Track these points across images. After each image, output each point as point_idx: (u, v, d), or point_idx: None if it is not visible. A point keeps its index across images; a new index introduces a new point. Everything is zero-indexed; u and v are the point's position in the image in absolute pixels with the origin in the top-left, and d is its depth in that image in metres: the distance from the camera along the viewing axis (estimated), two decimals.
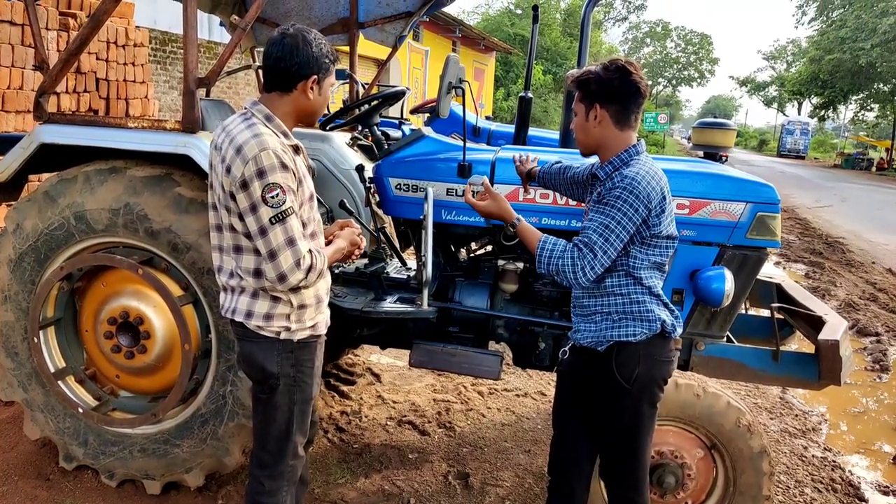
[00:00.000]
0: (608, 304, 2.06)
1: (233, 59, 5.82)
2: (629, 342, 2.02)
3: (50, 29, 5.10)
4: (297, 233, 1.85)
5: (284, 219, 1.82)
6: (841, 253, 10.13)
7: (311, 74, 1.90)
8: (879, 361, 5.54)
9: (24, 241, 2.83)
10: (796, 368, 2.78)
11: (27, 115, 4.91)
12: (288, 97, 1.93)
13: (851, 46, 31.88)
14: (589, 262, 1.93)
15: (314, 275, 1.90)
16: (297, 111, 1.96)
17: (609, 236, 1.93)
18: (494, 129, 5.28)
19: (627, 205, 1.92)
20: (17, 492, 2.92)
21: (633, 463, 2.12)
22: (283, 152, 1.85)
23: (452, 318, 3.09)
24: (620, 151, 2.03)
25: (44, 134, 2.79)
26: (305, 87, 1.91)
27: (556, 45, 29.58)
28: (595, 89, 2.02)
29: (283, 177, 1.82)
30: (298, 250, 1.85)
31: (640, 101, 2.02)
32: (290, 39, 1.87)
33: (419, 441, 3.59)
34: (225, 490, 2.98)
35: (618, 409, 2.07)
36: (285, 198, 1.81)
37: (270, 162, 1.80)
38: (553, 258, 1.99)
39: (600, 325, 2.07)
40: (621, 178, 1.95)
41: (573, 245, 1.97)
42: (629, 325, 2.03)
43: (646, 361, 2.03)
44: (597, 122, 2.04)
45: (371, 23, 4.19)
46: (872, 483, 3.67)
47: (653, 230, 1.98)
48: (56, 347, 2.98)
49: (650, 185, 1.94)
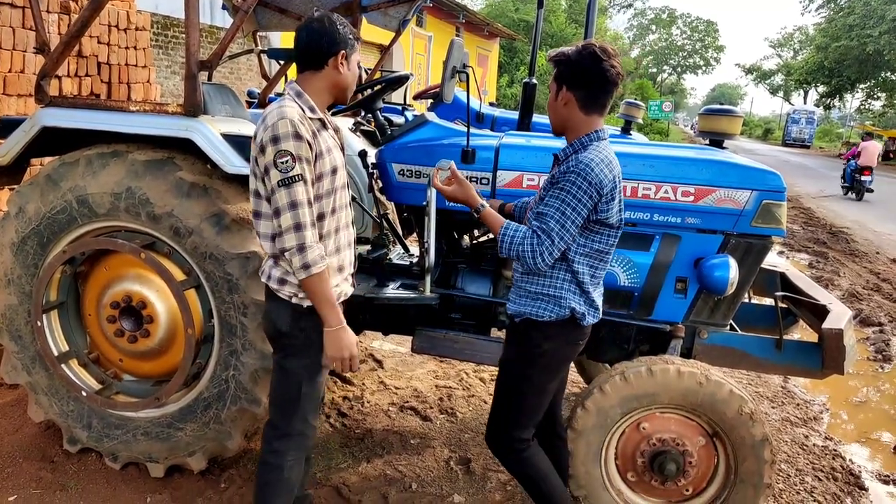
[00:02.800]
0: (533, 283, 2.15)
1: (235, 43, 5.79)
2: (536, 320, 2.15)
3: (51, 12, 5.07)
4: (300, 198, 1.95)
5: (290, 184, 1.93)
6: (845, 243, 10.10)
7: (339, 50, 2.05)
8: (882, 351, 5.54)
9: (26, 224, 2.82)
10: (799, 357, 2.77)
11: (29, 99, 4.89)
12: (320, 74, 2.08)
13: (859, 34, 31.62)
14: (547, 248, 2.00)
15: (302, 272, 1.96)
16: (330, 86, 2.11)
17: (565, 223, 1.99)
18: (498, 115, 5.25)
19: (581, 191, 1.97)
20: (21, 473, 2.94)
21: (504, 401, 2.29)
22: (301, 123, 1.96)
23: (455, 305, 3.09)
24: (582, 135, 2.07)
25: (45, 117, 2.78)
26: (336, 63, 2.07)
27: (562, 31, 29.35)
28: (564, 71, 2.05)
29: (295, 146, 1.94)
30: (304, 235, 1.95)
31: (608, 89, 2.03)
32: (317, 23, 2.05)
33: (421, 427, 3.60)
34: (227, 473, 2.99)
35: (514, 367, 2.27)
36: (294, 165, 1.93)
37: (285, 130, 1.93)
38: (514, 244, 2.05)
39: (522, 300, 2.19)
40: (576, 162, 2.00)
41: (532, 232, 2.02)
42: (542, 305, 2.14)
43: (552, 340, 2.17)
44: (563, 104, 2.07)
45: (374, 7, 4.15)
46: (873, 472, 3.67)
47: (599, 215, 2.03)
48: (59, 331, 2.98)
49: (603, 172, 1.98)
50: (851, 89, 39.17)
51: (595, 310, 2.19)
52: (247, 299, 2.63)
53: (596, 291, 2.18)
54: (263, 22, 4.34)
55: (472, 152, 2.86)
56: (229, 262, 2.62)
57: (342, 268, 2.21)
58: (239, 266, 2.61)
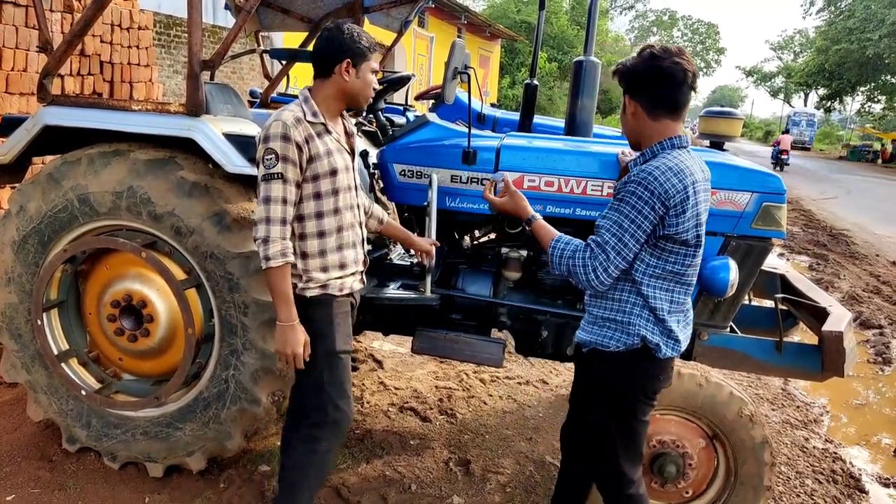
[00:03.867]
0: (600, 307, 1.99)
1: (237, 43, 5.80)
2: (602, 350, 1.97)
3: (54, 11, 5.07)
4: (273, 195, 2.07)
5: (269, 180, 2.07)
6: (845, 245, 10.10)
7: (344, 58, 2.14)
8: (882, 354, 5.54)
9: (27, 223, 2.82)
10: (799, 360, 2.77)
11: (31, 98, 4.89)
12: (327, 81, 2.18)
13: (859, 37, 31.61)
14: (602, 264, 1.84)
15: (263, 262, 2.08)
16: (338, 93, 2.20)
17: (622, 235, 1.83)
18: (500, 116, 5.25)
19: (642, 201, 1.80)
20: (20, 472, 2.94)
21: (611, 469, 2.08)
22: (294, 126, 2.07)
23: (455, 306, 3.09)
24: (654, 143, 1.92)
25: (47, 116, 2.78)
26: (342, 70, 2.15)
27: (564, 32, 29.35)
28: (625, 81, 1.94)
29: (282, 146, 2.06)
30: (270, 229, 2.06)
31: (674, 87, 1.86)
32: (327, 32, 2.16)
33: (421, 427, 3.60)
34: (227, 473, 2.99)
35: (596, 410, 2.05)
36: (276, 163, 2.06)
37: (275, 131, 2.06)
38: (564, 258, 1.92)
39: (589, 327, 2.03)
40: (638, 171, 1.84)
41: (586, 245, 1.89)
42: (607, 333, 1.96)
43: (620, 373, 1.97)
44: (631, 114, 1.95)
45: (377, 7, 4.16)
46: (873, 475, 3.67)
47: (668, 230, 1.83)
48: (59, 330, 2.98)
49: (669, 181, 1.79)
50: (852, 92, 39.13)
51: (674, 341, 1.94)
52: (247, 299, 2.63)
53: (674, 319, 1.94)
54: (266, 22, 4.34)
55: (474, 153, 2.86)
56: (230, 261, 2.62)
57: (344, 265, 2.26)
58: (240, 265, 2.61)
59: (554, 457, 3.35)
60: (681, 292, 1.95)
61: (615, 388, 2.00)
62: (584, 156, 2.82)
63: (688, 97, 1.90)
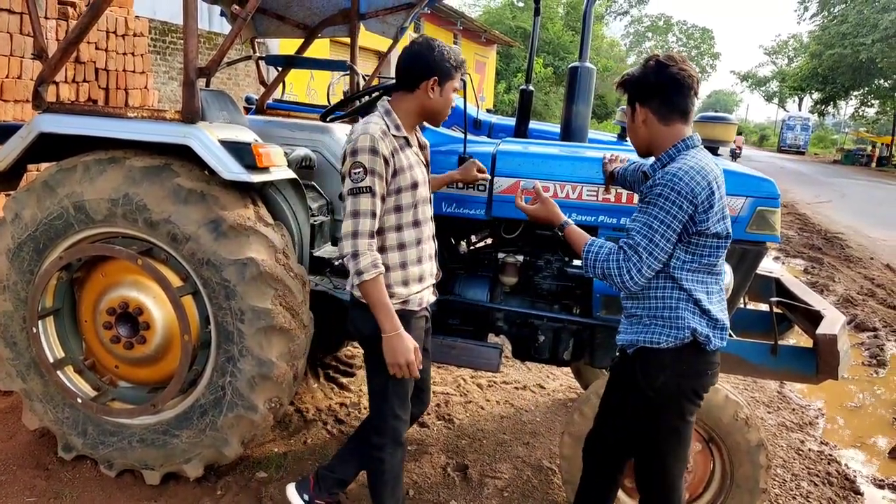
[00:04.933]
0: (642, 307, 2.01)
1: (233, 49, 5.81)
2: (653, 348, 1.97)
3: (49, 18, 5.08)
4: (362, 209, 2.08)
5: (357, 194, 2.08)
6: (840, 248, 10.15)
7: (431, 76, 2.15)
8: (877, 356, 5.56)
9: (22, 230, 2.82)
10: (794, 363, 2.78)
11: (26, 105, 4.89)
12: (411, 95, 2.19)
13: (852, 42, 31.79)
14: (635, 265, 1.88)
15: (355, 277, 2.09)
16: (419, 109, 2.22)
17: (653, 236, 1.87)
18: (495, 122, 5.27)
19: (670, 202, 1.85)
20: (15, 481, 2.92)
21: (659, 475, 2.08)
22: (381, 139, 2.08)
23: (452, 310, 3.09)
24: (669, 147, 1.98)
25: (43, 123, 2.78)
26: (427, 87, 2.16)
27: (559, 38, 29.48)
28: (633, 90, 2.00)
29: (370, 160, 2.07)
30: (360, 243, 2.07)
31: (684, 93, 1.95)
32: (417, 46, 2.17)
33: (418, 433, 3.60)
34: (224, 481, 2.99)
35: (640, 415, 2.05)
36: (364, 177, 2.07)
37: (363, 144, 2.07)
38: (598, 261, 1.94)
39: (633, 328, 2.04)
40: (663, 174, 1.90)
41: (618, 248, 1.92)
42: (656, 330, 1.98)
43: (672, 370, 1.97)
44: (642, 122, 2.01)
45: (372, 14, 4.17)
46: (868, 477, 3.68)
47: (699, 227, 1.89)
48: (55, 337, 2.97)
49: (694, 180, 1.85)
50: (845, 96, 39.35)
51: (721, 330, 1.99)
52: (244, 305, 2.63)
53: (715, 308, 1.98)
54: (262, 29, 4.35)
55: (469, 159, 2.87)
56: (226, 268, 2.62)
57: (423, 278, 2.30)
58: (236, 272, 2.61)
59: (551, 461, 3.35)
60: (714, 282, 2.01)
61: (665, 387, 1.99)
62: (579, 161, 2.84)
63: (694, 101, 1.99)
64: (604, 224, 2.76)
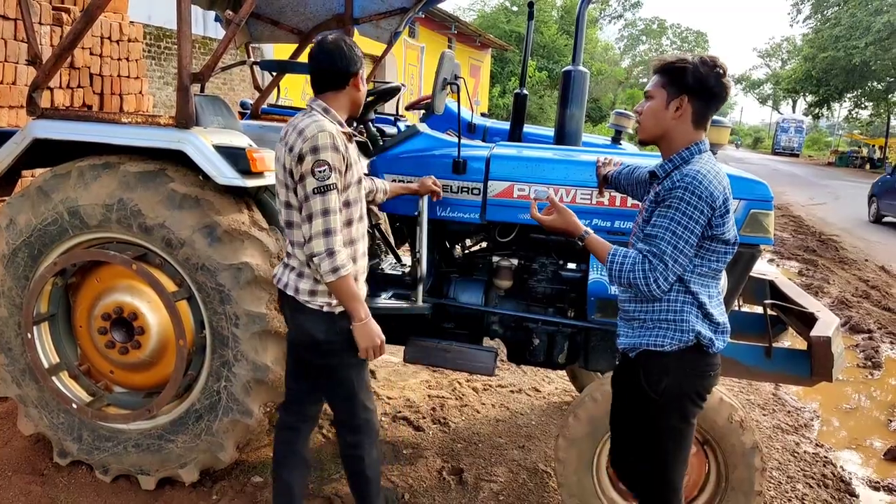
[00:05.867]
0: (647, 311, 2.00)
1: (228, 54, 5.82)
2: (657, 351, 1.98)
3: (43, 24, 5.08)
4: (332, 206, 2.08)
5: (325, 192, 2.07)
6: (834, 250, 10.18)
7: (357, 70, 2.21)
8: (871, 358, 5.58)
9: (17, 236, 2.82)
10: (788, 365, 2.79)
11: (20, 111, 4.89)
12: (342, 93, 2.22)
13: (845, 45, 31.92)
14: (661, 273, 1.86)
15: (331, 275, 2.08)
16: (350, 104, 2.27)
17: (678, 243, 1.85)
18: (490, 125, 5.27)
19: (692, 207, 1.84)
20: (10, 487, 2.91)
21: (660, 477, 2.08)
22: (338, 136, 2.11)
23: (447, 314, 3.10)
24: (682, 148, 1.96)
25: (37, 129, 2.78)
26: (356, 82, 2.22)
27: (553, 42, 29.54)
28: (689, 81, 1.91)
29: (332, 157, 2.07)
30: (334, 240, 2.07)
31: (720, 106, 1.97)
32: (331, 45, 2.18)
33: (413, 437, 3.60)
34: (219, 485, 2.98)
35: (643, 417, 2.05)
36: (330, 174, 2.07)
37: (325, 142, 2.06)
38: (624, 271, 1.91)
39: (636, 331, 2.03)
40: (681, 176, 1.87)
41: (643, 257, 1.89)
42: (660, 333, 1.98)
43: (675, 373, 1.97)
44: (677, 114, 1.95)
45: (366, 19, 4.18)
46: (863, 478, 3.69)
47: (714, 231, 1.89)
48: (50, 343, 2.97)
49: (712, 184, 1.85)
50: (839, 99, 39.48)
51: (723, 333, 2.00)
52: (238, 310, 2.63)
53: (716, 311, 1.99)
54: (256, 34, 4.36)
55: (464, 163, 2.88)
56: (221, 272, 2.62)
57: (364, 272, 2.33)
58: (230, 277, 2.62)
59: (547, 465, 3.36)
60: (714, 286, 2.02)
61: (668, 390, 1.99)
62: (573, 165, 2.85)
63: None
64: (598, 227, 2.77)
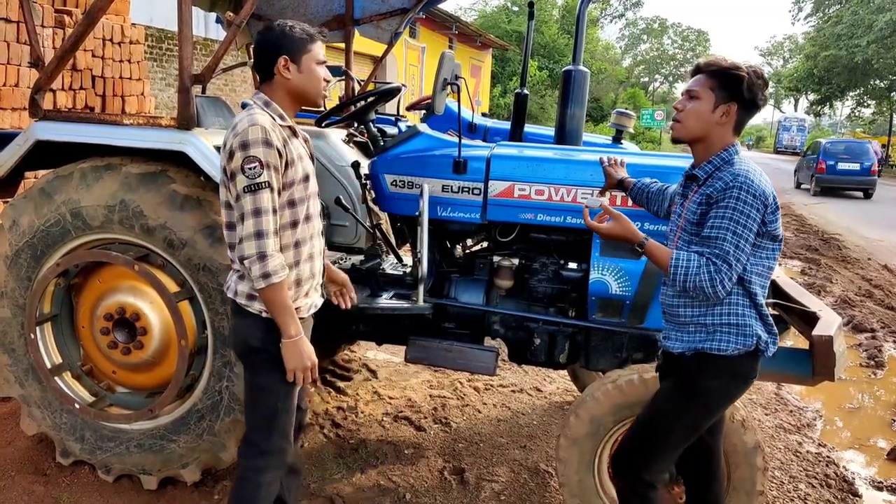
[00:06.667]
0: (707, 315, 1.99)
1: (229, 55, 5.83)
2: (714, 354, 1.97)
3: (45, 26, 5.09)
4: (264, 206, 1.92)
5: (256, 190, 1.91)
6: (837, 249, 10.16)
7: (279, 55, 2.00)
8: (875, 358, 5.56)
9: (20, 237, 2.83)
10: (790, 364, 2.78)
11: (23, 113, 4.90)
12: (273, 83, 2.05)
13: (847, 43, 31.83)
14: (726, 274, 1.87)
15: (262, 281, 1.91)
16: (287, 93, 2.06)
17: (739, 242, 1.87)
18: (491, 125, 5.27)
19: (748, 205, 1.87)
20: (13, 487, 2.92)
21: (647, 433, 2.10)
22: (272, 130, 1.94)
23: (448, 314, 3.10)
24: (720, 150, 2.00)
25: (40, 131, 2.79)
26: (280, 69, 2.01)
27: (554, 41, 29.55)
28: (742, 90, 1.94)
29: (264, 152, 1.91)
30: (266, 243, 1.91)
31: (754, 115, 2.04)
32: (261, 33, 2.07)
33: (415, 437, 3.60)
34: (221, 485, 2.99)
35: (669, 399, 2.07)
36: (262, 171, 1.90)
37: (255, 137, 1.90)
38: (689, 276, 1.90)
39: (693, 336, 2.02)
40: (733, 177, 1.90)
41: (707, 260, 1.89)
42: (723, 337, 1.97)
43: (726, 376, 2.00)
44: (723, 119, 1.98)
45: (367, 19, 4.19)
46: (867, 479, 3.68)
47: (768, 227, 1.92)
48: (53, 343, 2.98)
49: (762, 183, 1.89)
50: (841, 97, 39.38)
51: (774, 336, 2.01)
52: None
53: (766, 312, 2.00)
54: (257, 35, 4.36)
55: (464, 163, 2.88)
56: (223, 273, 2.62)
57: (314, 275, 2.16)
58: None
59: (548, 464, 3.36)
60: (766, 286, 2.03)
61: (715, 391, 2.00)
62: (573, 164, 2.85)
63: None
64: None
